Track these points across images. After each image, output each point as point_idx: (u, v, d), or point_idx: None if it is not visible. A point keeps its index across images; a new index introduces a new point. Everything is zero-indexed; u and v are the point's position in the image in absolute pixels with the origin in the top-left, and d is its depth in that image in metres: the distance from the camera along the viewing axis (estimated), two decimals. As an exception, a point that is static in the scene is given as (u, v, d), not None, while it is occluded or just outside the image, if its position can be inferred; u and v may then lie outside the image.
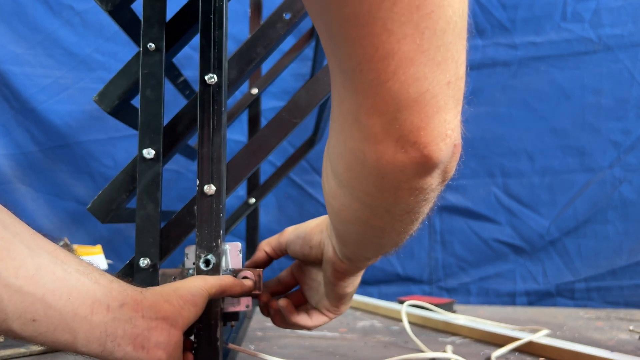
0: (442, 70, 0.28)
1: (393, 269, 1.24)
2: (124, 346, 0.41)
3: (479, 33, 1.21)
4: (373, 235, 0.42)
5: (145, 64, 0.55)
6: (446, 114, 0.29)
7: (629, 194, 1.13)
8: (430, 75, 0.28)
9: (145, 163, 0.54)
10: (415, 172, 0.31)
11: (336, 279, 0.53)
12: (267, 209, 1.26)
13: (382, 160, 0.31)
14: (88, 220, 1.25)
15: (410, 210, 0.36)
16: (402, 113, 0.29)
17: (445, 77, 0.28)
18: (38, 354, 0.67)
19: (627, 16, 1.14)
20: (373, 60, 0.27)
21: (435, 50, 0.27)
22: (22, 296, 0.36)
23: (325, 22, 0.29)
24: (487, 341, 0.77)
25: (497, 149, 1.20)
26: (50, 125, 1.24)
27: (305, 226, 0.57)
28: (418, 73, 0.27)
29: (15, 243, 0.38)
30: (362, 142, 0.31)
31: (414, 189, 0.33)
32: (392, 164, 0.31)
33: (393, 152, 0.30)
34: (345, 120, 0.33)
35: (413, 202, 0.35)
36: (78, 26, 1.25)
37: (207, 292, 0.47)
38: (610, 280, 1.14)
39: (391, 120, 0.29)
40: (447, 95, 0.29)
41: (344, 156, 0.35)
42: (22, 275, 0.37)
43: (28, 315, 0.37)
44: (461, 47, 0.29)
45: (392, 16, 0.26)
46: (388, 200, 0.35)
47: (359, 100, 0.30)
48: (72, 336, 0.39)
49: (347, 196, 0.38)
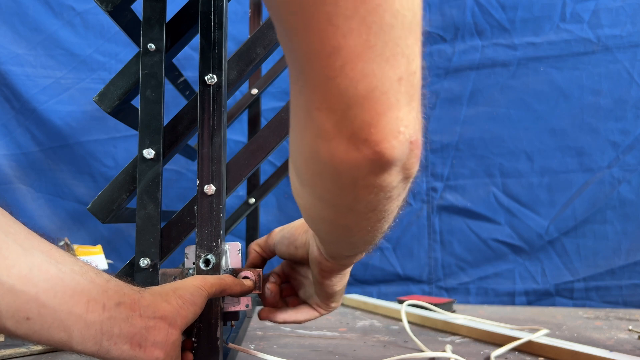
0: (391, 66, 0.27)
1: (393, 269, 1.24)
2: (121, 345, 0.41)
3: (478, 34, 1.21)
4: (342, 234, 0.41)
5: (146, 65, 0.55)
6: (398, 110, 0.28)
7: (628, 194, 1.13)
8: (379, 71, 0.27)
9: (146, 163, 0.54)
10: (370, 170, 0.30)
11: (323, 277, 0.53)
12: (267, 209, 1.26)
13: (335, 157, 0.30)
14: (88, 220, 1.25)
15: (373, 208, 0.35)
16: (352, 110, 0.28)
17: (395, 73, 0.27)
18: (38, 353, 0.67)
19: (625, 17, 1.15)
20: (321, 56, 0.27)
21: (383, 45, 0.26)
22: (14, 295, 0.37)
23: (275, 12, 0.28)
24: (486, 341, 0.78)
25: (496, 149, 1.21)
26: (51, 125, 1.24)
27: (291, 227, 0.57)
28: (366, 69, 0.27)
29: (9, 242, 0.38)
30: (315, 138, 0.31)
31: (372, 187, 0.32)
32: (346, 161, 0.30)
33: (345, 150, 0.29)
34: (300, 115, 0.32)
35: (375, 200, 0.34)
36: (79, 27, 1.26)
37: (207, 292, 0.47)
38: (609, 280, 1.14)
39: (342, 117, 0.28)
40: (399, 91, 0.28)
41: (302, 152, 0.34)
42: (14, 274, 0.37)
43: (21, 314, 0.37)
44: (413, 42, 0.28)
45: (337, 10, 0.25)
46: (348, 198, 0.34)
47: (310, 95, 0.29)
48: (67, 334, 0.39)
49: (310, 195, 0.37)
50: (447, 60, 1.23)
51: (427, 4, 1.24)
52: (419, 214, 1.24)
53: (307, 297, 0.59)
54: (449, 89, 1.23)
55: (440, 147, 1.23)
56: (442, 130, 1.23)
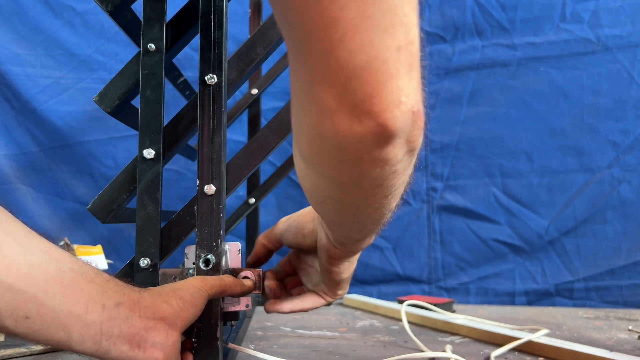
0: (390, 36, 0.27)
1: (392, 269, 1.24)
2: (120, 345, 0.41)
3: (478, 34, 1.21)
4: (349, 213, 0.41)
5: (146, 65, 0.55)
6: (399, 80, 0.28)
7: (628, 194, 1.13)
8: (378, 41, 0.27)
9: (146, 163, 0.54)
10: (374, 142, 0.30)
11: (331, 265, 0.53)
12: (267, 209, 1.26)
13: (339, 133, 0.30)
14: (88, 220, 1.25)
15: (380, 183, 0.35)
16: (352, 82, 0.28)
17: (394, 42, 0.27)
18: (38, 353, 0.67)
19: (625, 17, 1.15)
20: (319, 29, 0.27)
21: (381, 15, 0.26)
22: (13, 294, 0.37)
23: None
24: (486, 341, 0.78)
25: (496, 149, 1.21)
26: (51, 125, 1.24)
27: (297, 215, 0.57)
28: (365, 40, 0.27)
29: (8, 241, 0.38)
30: (318, 115, 0.30)
31: (378, 160, 0.32)
32: (350, 136, 0.30)
33: (349, 123, 0.29)
34: (301, 94, 0.32)
35: (380, 175, 0.34)
36: (79, 27, 1.26)
37: (207, 293, 0.47)
38: (609, 280, 1.14)
39: (343, 90, 0.28)
40: (398, 61, 0.28)
41: (305, 132, 0.34)
42: (13, 273, 0.37)
43: (20, 313, 0.37)
44: (409, 10, 0.28)
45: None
46: (353, 173, 0.34)
47: (310, 71, 0.29)
48: (66, 334, 0.39)
49: (315, 174, 0.37)
50: (447, 60, 1.23)
51: (427, 4, 1.24)
52: (419, 214, 1.24)
53: (313, 286, 0.59)
54: (449, 89, 1.23)
55: (440, 147, 1.23)
56: (442, 130, 1.23)
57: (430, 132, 1.23)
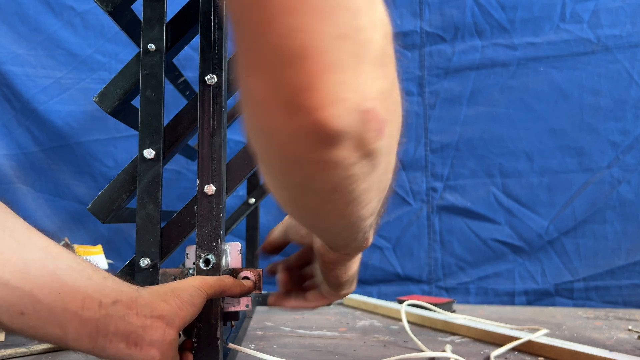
0: (331, 21, 0.24)
1: (392, 269, 1.24)
2: (116, 343, 0.41)
3: (478, 34, 1.21)
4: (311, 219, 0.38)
5: (146, 65, 0.55)
6: (341, 73, 0.24)
7: (628, 194, 1.13)
8: (315, 26, 0.23)
9: (146, 163, 0.54)
10: (315, 142, 0.26)
11: (326, 269, 0.52)
12: (267, 209, 1.26)
13: (274, 128, 0.27)
14: (89, 220, 1.25)
15: (334, 188, 0.30)
16: (284, 71, 0.24)
17: (336, 29, 0.24)
18: (38, 353, 0.67)
19: (625, 17, 1.15)
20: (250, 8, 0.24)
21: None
22: (9, 290, 0.37)
23: None
24: (486, 340, 0.78)
25: (496, 149, 1.21)
26: (51, 125, 1.24)
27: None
28: (298, 24, 0.23)
29: (5, 237, 0.38)
30: (253, 107, 0.27)
31: (322, 162, 0.28)
32: (286, 132, 0.26)
33: (283, 118, 0.26)
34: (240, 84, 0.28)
35: (331, 179, 0.29)
36: (79, 27, 1.26)
37: (205, 293, 0.47)
38: (608, 279, 1.14)
39: (274, 79, 0.25)
40: (341, 50, 0.24)
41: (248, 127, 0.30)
42: (9, 269, 0.37)
43: (16, 309, 0.37)
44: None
45: None
46: (297, 175, 0.30)
47: (243, 57, 0.26)
48: (62, 331, 0.39)
49: (267, 175, 0.34)
50: (447, 60, 1.23)
51: (427, 4, 1.24)
52: (418, 214, 1.24)
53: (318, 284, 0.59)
54: (449, 89, 1.23)
55: (440, 147, 1.23)
56: (442, 130, 1.23)
57: (430, 132, 1.24)
